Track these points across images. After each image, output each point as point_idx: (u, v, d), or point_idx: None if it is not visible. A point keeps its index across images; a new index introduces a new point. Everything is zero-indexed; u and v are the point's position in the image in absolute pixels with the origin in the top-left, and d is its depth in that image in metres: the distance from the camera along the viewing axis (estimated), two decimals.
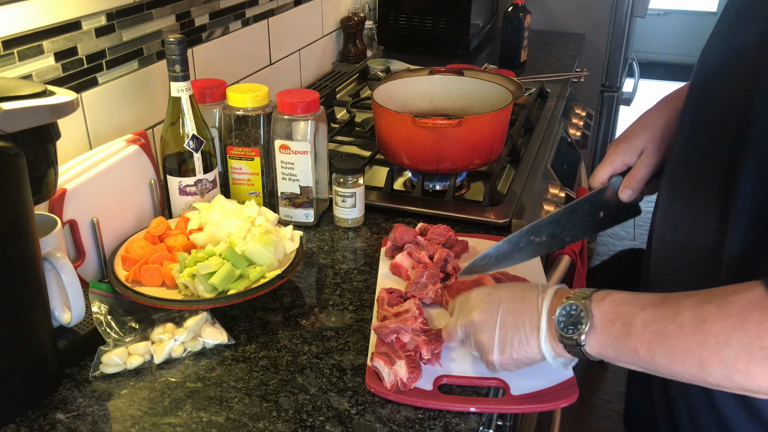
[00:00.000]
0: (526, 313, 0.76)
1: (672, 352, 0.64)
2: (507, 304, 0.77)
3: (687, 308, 0.64)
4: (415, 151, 1.28)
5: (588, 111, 2.04)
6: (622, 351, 0.68)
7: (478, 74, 1.59)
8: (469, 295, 0.83)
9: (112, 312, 0.94)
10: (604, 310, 0.70)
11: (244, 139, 1.20)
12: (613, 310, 0.69)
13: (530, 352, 0.76)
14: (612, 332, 0.68)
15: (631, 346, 0.67)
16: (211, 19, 1.46)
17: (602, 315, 0.69)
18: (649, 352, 0.66)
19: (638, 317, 0.67)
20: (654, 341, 0.65)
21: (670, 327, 0.64)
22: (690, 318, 0.63)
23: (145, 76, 1.28)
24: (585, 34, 2.60)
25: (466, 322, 0.81)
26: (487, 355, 0.78)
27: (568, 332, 0.71)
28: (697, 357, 0.62)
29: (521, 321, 0.76)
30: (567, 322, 0.71)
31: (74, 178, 0.98)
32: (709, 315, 0.62)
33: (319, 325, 0.98)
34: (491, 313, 0.78)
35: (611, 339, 0.69)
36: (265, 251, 1.00)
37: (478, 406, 0.82)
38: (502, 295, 0.79)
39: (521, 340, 0.76)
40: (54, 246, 0.86)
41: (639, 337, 0.66)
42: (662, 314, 0.65)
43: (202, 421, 0.80)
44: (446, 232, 1.11)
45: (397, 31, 2.27)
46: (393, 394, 0.82)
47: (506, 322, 0.77)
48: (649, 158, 0.91)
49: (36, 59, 1.05)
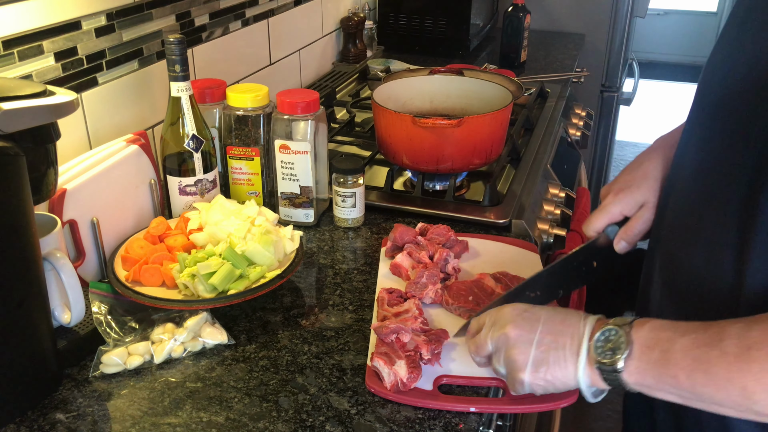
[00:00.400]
0: (567, 335, 0.72)
1: (714, 379, 0.62)
2: (547, 324, 0.73)
3: (730, 335, 0.61)
4: (415, 151, 1.28)
5: (588, 111, 2.03)
6: (661, 378, 0.65)
7: (478, 74, 1.59)
8: (504, 309, 0.78)
9: (112, 312, 0.94)
10: (644, 335, 0.67)
11: (244, 139, 1.20)
12: (653, 336, 0.66)
13: (565, 377, 0.72)
14: (651, 358, 0.66)
15: (671, 373, 0.64)
16: (211, 19, 1.46)
17: (641, 341, 0.67)
18: (689, 379, 0.63)
19: (678, 343, 0.64)
20: (695, 368, 0.63)
21: (711, 353, 0.62)
22: (734, 345, 0.61)
23: (145, 76, 1.28)
24: (585, 34, 2.60)
25: (499, 335, 0.75)
26: (518, 372, 0.74)
27: (606, 357, 0.68)
28: (741, 385, 0.60)
29: (561, 342, 0.72)
30: (605, 347, 0.69)
31: (74, 178, 0.98)
32: (754, 342, 0.60)
33: (319, 325, 0.98)
34: (529, 330, 0.74)
35: (650, 366, 0.66)
36: (265, 251, 1.00)
37: (478, 406, 0.82)
38: (542, 314, 0.75)
39: (558, 362, 0.72)
40: (54, 246, 0.86)
41: (679, 363, 0.64)
42: (704, 340, 0.63)
43: (202, 421, 0.80)
44: (446, 232, 1.11)
45: (397, 31, 2.27)
46: (393, 394, 0.82)
47: (544, 342, 0.72)
48: (650, 212, 0.88)
49: (36, 59, 1.05)
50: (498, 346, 0.76)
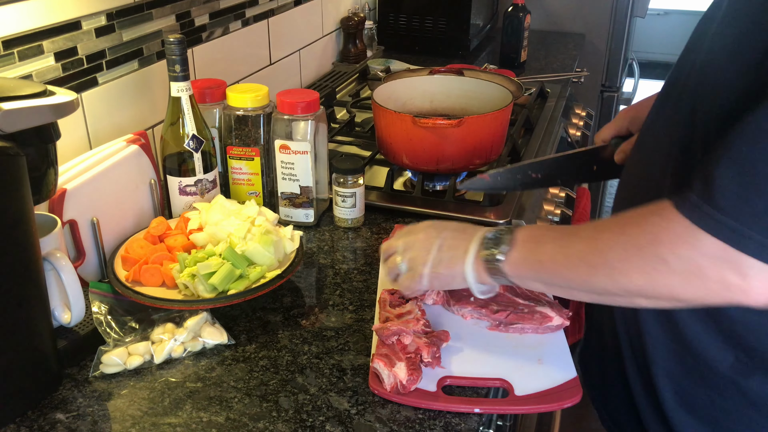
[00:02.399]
0: (464, 240, 0.84)
1: (569, 259, 0.72)
2: (453, 232, 0.87)
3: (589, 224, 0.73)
4: (415, 151, 1.28)
5: (588, 111, 2.03)
6: (531, 266, 0.77)
7: (478, 74, 1.59)
8: (418, 223, 0.93)
9: (112, 312, 0.94)
10: (525, 233, 0.79)
11: (244, 139, 1.20)
12: (530, 232, 0.79)
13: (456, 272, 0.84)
14: (526, 248, 0.77)
15: (538, 258, 0.76)
16: (211, 19, 1.46)
17: (521, 236, 0.79)
18: (552, 261, 0.74)
19: (548, 235, 0.77)
20: (556, 252, 0.74)
21: (572, 239, 0.73)
22: (590, 229, 0.72)
23: (145, 76, 1.28)
24: (585, 34, 2.60)
25: (411, 238, 0.90)
26: (418, 268, 0.87)
27: (490, 249, 0.79)
28: (587, 262, 0.71)
29: (458, 245, 0.84)
30: (491, 243, 0.80)
31: (74, 178, 0.98)
32: (605, 226, 0.71)
33: (319, 325, 0.98)
34: (435, 236, 0.87)
35: (525, 255, 0.77)
36: (265, 251, 1.00)
37: (482, 407, 0.82)
38: (450, 225, 0.89)
39: (452, 259, 0.84)
40: (54, 246, 0.86)
41: (546, 250, 0.75)
42: (568, 231, 0.75)
43: (202, 421, 0.80)
44: None
45: (397, 31, 2.27)
46: (396, 396, 0.82)
47: (446, 245, 0.86)
48: None
49: (36, 59, 1.05)
50: (407, 246, 0.90)
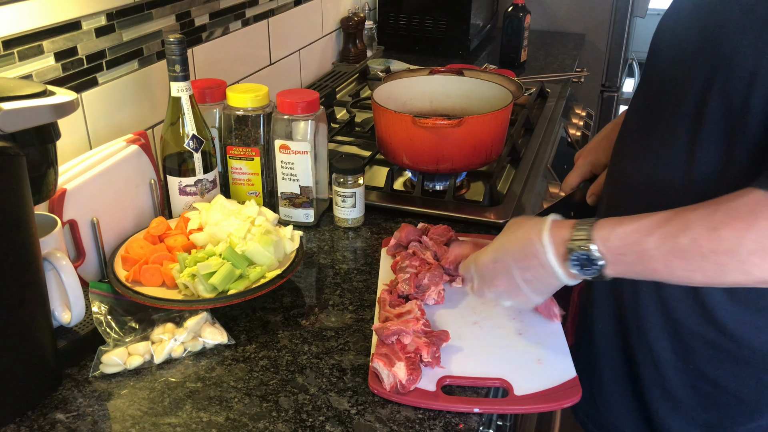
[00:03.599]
0: (539, 267, 0.81)
1: (690, 262, 0.71)
2: (518, 267, 0.84)
3: (695, 221, 0.71)
4: (415, 151, 1.28)
5: (588, 111, 2.03)
6: (641, 273, 0.76)
7: (478, 74, 1.59)
8: (482, 263, 0.89)
9: (112, 312, 0.94)
10: (612, 246, 0.76)
11: (244, 139, 1.20)
12: (622, 243, 0.75)
13: (556, 286, 0.83)
14: (627, 261, 0.75)
15: (650, 267, 0.74)
16: (211, 19, 1.46)
17: (612, 251, 0.76)
18: (668, 267, 0.73)
19: (647, 242, 0.73)
20: (670, 257, 0.72)
21: (682, 242, 0.71)
22: (702, 228, 0.70)
23: (145, 76, 1.28)
24: (585, 34, 2.60)
25: (494, 289, 0.88)
26: (527, 303, 0.87)
27: (586, 273, 0.77)
28: (714, 262, 0.69)
29: (540, 274, 0.82)
30: (582, 267, 0.77)
31: (74, 178, 0.98)
32: (719, 223, 0.69)
33: (319, 325, 0.98)
34: (511, 278, 0.85)
35: (628, 266, 0.76)
36: (265, 251, 1.00)
37: (481, 406, 0.82)
38: (509, 260, 0.85)
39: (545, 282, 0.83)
40: (54, 246, 0.86)
41: (655, 258, 0.73)
42: (671, 232, 0.72)
43: (202, 421, 0.80)
44: (447, 232, 1.11)
45: (397, 31, 2.27)
46: (396, 396, 0.82)
47: (527, 279, 0.83)
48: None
49: (36, 59, 1.05)
50: (498, 295, 0.89)
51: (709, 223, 0.69)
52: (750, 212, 0.67)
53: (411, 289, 0.99)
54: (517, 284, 0.84)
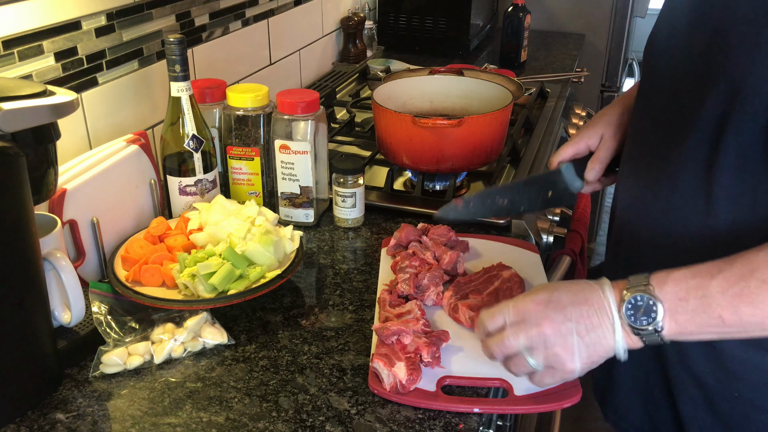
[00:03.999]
0: (596, 314, 0.73)
1: (760, 306, 0.65)
2: (574, 310, 0.73)
3: (762, 263, 0.66)
4: (415, 151, 1.28)
5: (588, 111, 2.03)
6: (704, 323, 0.68)
7: (478, 74, 1.59)
8: (526, 304, 0.76)
9: (112, 312, 0.94)
10: (670, 290, 0.69)
11: (244, 139, 1.20)
12: (680, 288, 0.69)
13: (605, 351, 0.73)
14: (688, 308, 0.68)
15: (714, 314, 0.67)
16: (211, 19, 1.46)
17: (671, 296, 0.69)
18: (736, 314, 0.66)
19: (711, 286, 0.67)
20: (738, 303, 0.66)
21: (751, 285, 0.65)
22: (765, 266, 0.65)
23: (145, 76, 1.28)
24: (585, 34, 2.60)
25: (534, 333, 0.74)
26: (566, 364, 0.73)
27: (642, 324, 0.70)
28: None
29: (594, 322, 0.73)
30: (638, 314, 0.70)
31: (74, 178, 0.98)
32: None
33: (319, 325, 0.98)
34: (562, 320, 0.73)
35: (690, 315, 0.68)
36: (265, 251, 1.00)
37: (481, 407, 0.82)
38: (564, 299, 0.74)
39: (598, 341, 0.73)
40: (54, 246, 0.86)
41: (721, 304, 0.67)
42: (736, 275, 0.66)
43: (202, 421, 0.80)
44: (447, 232, 1.11)
45: (397, 31, 2.27)
46: (395, 396, 0.82)
47: (580, 329, 0.73)
48: (609, 142, 1.02)
49: (36, 59, 1.05)
50: (534, 344, 0.74)
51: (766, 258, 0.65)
52: None
53: (411, 289, 0.99)
54: (568, 331, 0.72)
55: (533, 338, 0.74)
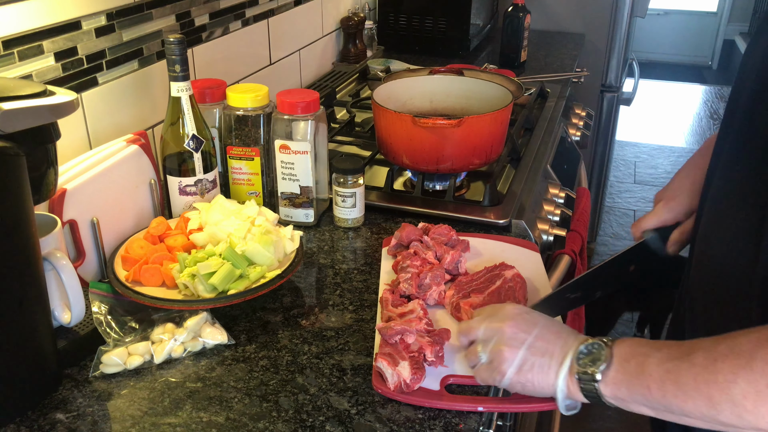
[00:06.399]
0: (557, 346, 0.76)
1: (683, 389, 0.65)
2: (542, 331, 0.77)
3: (700, 348, 0.65)
4: (415, 151, 1.28)
5: (588, 111, 2.04)
6: (634, 389, 0.69)
7: (478, 74, 1.59)
8: (505, 306, 0.82)
9: (112, 312, 0.94)
10: (623, 350, 0.71)
11: (244, 139, 1.20)
12: (631, 351, 0.71)
13: (545, 383, 0.76)
14: (627, 369, 0.70)
15: (644, 383, 0.68)
16: (211, 19, 1.46)
17: (620, 354, 0.71)
18: (660, 390, 0.67)
19: (653, 356, 0.68)
20: (666, 379, 0.66)
21: (682, 365, 0.66)
22: (702, 357, 0.64)
23: (145, 76, 1.28)
24: (585, 34, 2.60)
25: (495, 327, 0.79)
26: (502, 366, 0.77)
27: (586, 367, 0.72)
28: (707, 395, 0.63)
29: (550, 350, 0.76)
30: (587, 359, 0.73)
31: (74, 178, 0.98)
32: (720, 354, 0.63)
33: (319, 325, 0.98)
34: (525, 331, 0.78)
35: (626, 377, 0.70)
36: (265, 251, 1.00)
37: (485, 405, 0.82)
38: (540, 321, 0.79)
39: (542, 367, 0.76)
40: (54, 246, 0.86)
41: (652, 375, 0.67)
42: (676, 354, 0.67)
43: (202, 421, 0.80)
44: (448, 232, 1.11)
45: (397, 31, 2.27)
46: (400, 395, 0.82)
47: (535, 345, 0.77)
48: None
49: (36, 59, 1.05)
50: (489, 336, 0.80)
51: (710, 353, 0.64)
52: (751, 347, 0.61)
53: (413, 288, 0.99)
54: (522, 341, 0.77)
55: (490, 330, 0.80)
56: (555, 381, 0.75)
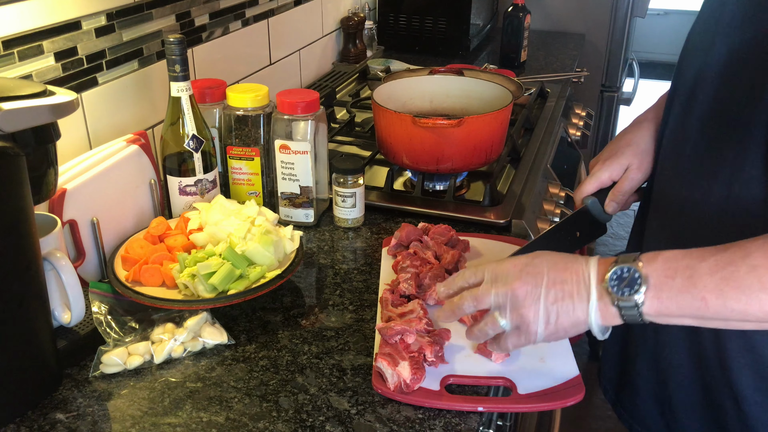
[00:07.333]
0: (573, 283, 0.73)
1: (746, 292, 0.64)
2: (550, 274, 0.74)
3: (756, 249, 0.65)
4: (415, 151, 1.28)
5: (588, 111, 2.03)
6: (686, 303, 0.67)
7: (478, 74, 1.59)
8: (504, 264, 0.77)
9: (112, 312, 0.94)
10: (659, 267, 0.69)
11: (244, 139, 1.20)
12: (670, 266, 0.68)
13: (576, 323, 0.73)
14: (674, 287, 0.68)
15: (698, 296, 0.66)
16: (211, 19, 1.46)
17: (659, 273, 0.69)
18: (720, 297, 0.65)
19: (700, 267, 0.67)
20: (724, 286, 0.65)
21: (741, 270, 0.65)
22: (762, 257, 0.64)
23: (145, 76, 1.28)
24: (585, 34, 2.60)
25: (504, 290, 0.75)
26: (530, 327, 0.74)
27: (624, 294, 0.69)
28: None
29: (568, 290, 0.73)
30: (621, 285, 0.70)
31: (74, 178, 0.98)
32: None
33: (319, 325, 0.98)
34: (534, 284, 0.74)
35: (673, 294, 0.68)
36: (265, 251, 1.00)
37: (485, 405, 0.82)
38: (544, 265, 0.75)
39: (568, 312, 0.73)
40: (54, 246, 0.86)
41: (707, 286, 0.66)
42: (727, 260, 0.66)
43: (202, 421, 0.80)
44: (447, 231, 1.11)
45: (397, 31, 2.27)
46: (400, 395, 0.82)
47: (551, 294, 0.73)
48: (635, 173, 0.97)
49: (36, 59, 1.05)
50: (502, 302, 0.76)
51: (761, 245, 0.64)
52: None
53: (413, 288, 0.99)
54: (537, 295, 0.73)
55: (501, 296, 0.75)
56: (586, 318, 0.72)
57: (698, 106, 0.84)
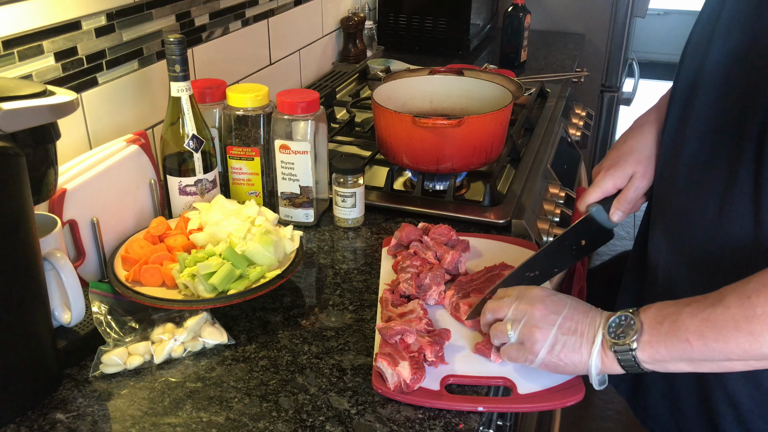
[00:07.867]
0: (586, 324, 0.79)
1: (723, 333, 0.68)
2: (570, 311, 0.80)
3: (730, 292, 0.69)
4: (415, 151, 1.28)
5: (588, 111, 2.03)
6: (673, 346, 0.72)
7: (478, 74, 1.59)
8: (533, 289, 0.84)
9: (112, 312, 0.94)
10: (651, 315, 0.74)
11: (244, 139, 1.20)
12: (659, 313, 0.74)
13: (578, 361, 0.78)
14: (661, 331, 0.73)
15: (682, 338, 0.71)
16: (211, 19, 1.46)
17: (650, 319, 0.74)
18: (701, 339, 0.70)
19: (683, 312, 0.71)
20: (703, 327, 0.69)
21: (716, 311, 0.69)
22: (734, 298, 0.68)
23: (145, 76, 1.28)
24: (585, 34, 2.60)
25: (524, 308, 0.81)
26: (534, 346, 0.80)
27: (619, 338, 0.75)
28: (748, 331, 0.67)
29: (580, 330, 0.79)
30: (618, 330, 0.76)
31: (74, 178, 0.98)
32: (751, 291, 0.67)
33: (319, 325, 0.98)
34: (554, 312, 0.80)
35: (661, 337, 0.72)
36: (265, 251, 1.00)
37: (485, 405, 0.82)
38: (567, 302, 0.81)
39: (574, 346, 0.78)
40: (54, 246, 0.86)
41: (688, 329, 0.70)
42: (706, 303, 0.70)
43: (202, 421, 0.80)
44: (448, 232, 1.11)
45: (397, 31, 2.27)
46: (400, 395, 0.82)
47: (565, 326, 0.79)
48: (639, 181, 0.97)
49: (36, 59, 1.05)
50: (519, 316, 0.82)
51: (742, 292, 0.68)
52: None
53: (413, 288, 0.99)
54: (552, 321, 0.79)
55: (519, 312, 0.82)
56: (588, 358, 0.78)
57: (694, 115, 0.84)
